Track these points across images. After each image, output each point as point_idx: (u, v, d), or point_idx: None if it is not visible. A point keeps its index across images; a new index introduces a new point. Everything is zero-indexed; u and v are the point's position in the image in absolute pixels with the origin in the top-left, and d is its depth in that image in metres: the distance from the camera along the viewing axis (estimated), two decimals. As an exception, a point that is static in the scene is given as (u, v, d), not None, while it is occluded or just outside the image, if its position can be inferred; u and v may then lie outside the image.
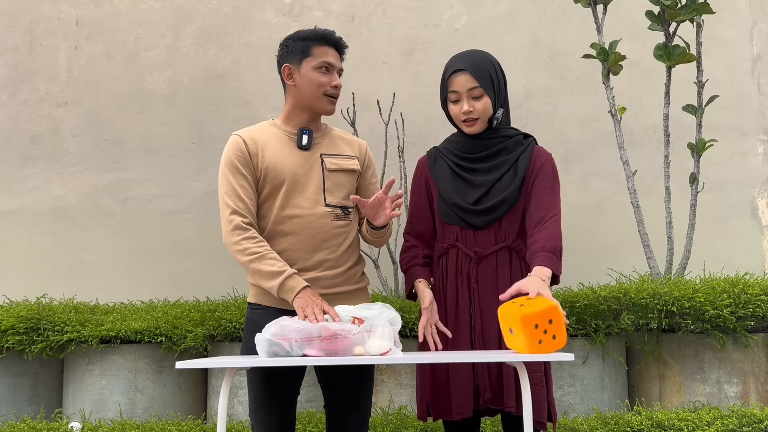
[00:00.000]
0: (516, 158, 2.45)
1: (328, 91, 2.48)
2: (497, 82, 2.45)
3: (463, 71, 2.42)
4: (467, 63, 2.44)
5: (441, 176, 2.48)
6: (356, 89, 4.13)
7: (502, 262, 2.42)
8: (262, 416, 2.42)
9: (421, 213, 2.53)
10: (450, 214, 2.45)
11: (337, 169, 2.49)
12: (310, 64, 2.47)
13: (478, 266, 2.41)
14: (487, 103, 2.42)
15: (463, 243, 2.43)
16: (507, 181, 2.43)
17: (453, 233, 2.45)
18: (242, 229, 2.37)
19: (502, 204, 2.41)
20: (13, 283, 4.32)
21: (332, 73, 2.49)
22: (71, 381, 3.74)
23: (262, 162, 2.43)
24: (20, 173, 4.56)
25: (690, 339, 3.47)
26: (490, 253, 2.41)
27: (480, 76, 2.41)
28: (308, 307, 2.24)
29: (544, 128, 4.59)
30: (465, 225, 2.43)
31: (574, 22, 4.60)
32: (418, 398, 2.53)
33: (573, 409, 3.45)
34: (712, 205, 4.42)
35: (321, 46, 2.48)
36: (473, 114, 2.42)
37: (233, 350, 3.61)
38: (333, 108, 2.52)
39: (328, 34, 2.50)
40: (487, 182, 2.42)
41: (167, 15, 4.68)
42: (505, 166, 2.44)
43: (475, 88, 2.40)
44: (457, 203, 2.43)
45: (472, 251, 2.41)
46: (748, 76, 4.67)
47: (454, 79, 2.43)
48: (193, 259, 4.47)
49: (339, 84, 2.50)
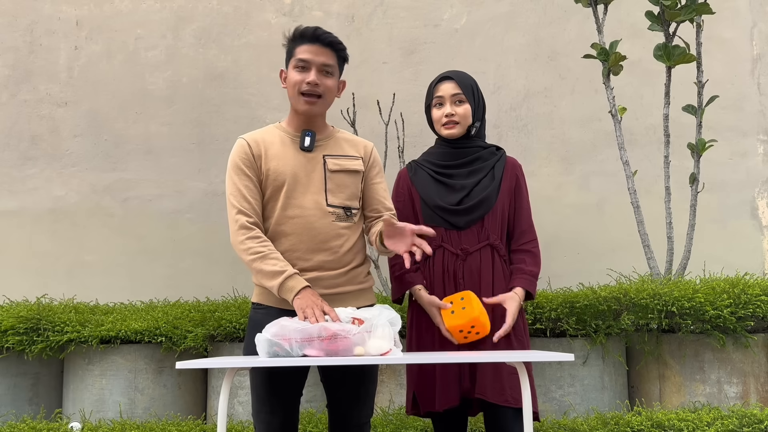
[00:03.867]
0: (492, 165, 2.67)
1: (301, 89, 2.44)
2: (477, 95, 2.70)
3: (449, 79, 2.69)
4: (453, 74, 2.72)
5: (422, 184, 2.68)
6: (356, 89, 4.12)
7: (485, 258, 2.60)
8: (264, 417, 2.42)
9: (406, 220, 2.65)
10: (434, 216, 2.62)
11: (340, 169, 2.49)
12: (291, 65, 2.48)
13: (464, 263, 2.58)
14: (467, 109, 2.66)
15: (448, 243, 2.60)
16: (485, 183, 2.64)
17: (438, 234, 2.57)
18: (246, 229, 2.38)
19: (483, 203, 2.60)
20: (13, 283, 4.32)
21: (308, 71, 2.43)
22: (71, 381, 3.74)
23: (265, 163, 2.45)
24: (20, 173, 4.56)
25: (690, 339, 3.47)
26: (474, 250, 2.59)
27: (463, 85, 2.67)
28: (308, 308, 2.23)
29: (544, 128, 4.60)
30: (449, 226, 2.61)
31: (574, 22, 4.60)
32: (407, 393, 2.66)
33: (573, 409, 3.45)
34: (712, 205, 4.42)
35: (301, 44, 2.46)
36: (454, 117, 2.65)
37: (233, 350, 3.61)
38: (310, 107, 2.46)
39: (305, 31, 2.45)
40: (467, 185, 2.62)
41: (167, 15, 4.68)
42: (482, 171, 2.65)
43: (458, 94, 2.66)
44: (440, 205, 2.62)
45: (458, 249, 2.59)
46: (748, 76, 4.68)
47: (440, 85, 2.69)
48: (193, 259, 4.47)
49: (312, 80, 2.42)
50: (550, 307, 3.50)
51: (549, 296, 3.61)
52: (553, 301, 3.53)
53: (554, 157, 4.58)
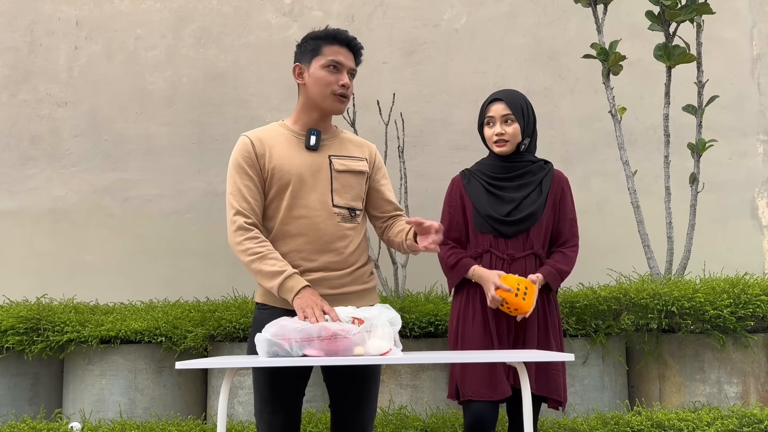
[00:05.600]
0: (540, 180, 2.84)
1: (335, 90, 2.46)
2: (527, 114, 2.85)
3: (499, 101, 2.84)
4: (504, 95, 2.87)
5: (475, 192, 2.85)
6: (356, 89, 4.09)
7: (529, 265, 2.78)
8: (266, 416, 2.42)
9: (457, 223, 2.87)
10: (484, 224, 2.80)
11: (346, 170, 2.49)
12: (319, 63, 2.46)
13: (510, 267, 2.75)
14: (516, 128, 2.81)
15: (496, 249, 2.79)
16: (533, 198, 2.80)
17: (486, 241, 2.80)
18: (245, 230, 2.37)
19: (531, 217, 2.77)
20: (13, 283, 4.32)
21: (341, 72, 2.46)
22: (71, 381, 3.74)
23: (269, 162, 2.43)
24: (20, 173, 4.56)
25: (690, 339, 3.47)
26: (519, 257, 2.78)
27: (513, 106, 2.82)
28: (308, 308, 2.23)
29: (544, 128, 4.56)
30: (497, 234, 2.79)
31: (574, 22, 4.60)
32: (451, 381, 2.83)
33: (573, 409, 3.45)
34: (712, 205, 4.42)
35: (331, 45, 2.47)
36: (504, 136, 2.80)
37: (233, 350, 3.61)
38: (342, 107, 2.50)
39: (339, 33, 2.48)
40: (516, 198, 2.79)
41: (167, 15, 4.68)
42: (531, 186, 2.82)
43: (508, 115, 2.81)
44: (491, 215, 2.79)
45: (505, 254, 2.77)
46: (748, 76, 4.68)
47: (492, 106, 2.85)
48: (193, 259, 4.47)
49: (347, 83, 2.47)
50: (550, 307, 3.50)
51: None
52: (553, 301, 3.53)
53: (554, 157, 4.52)
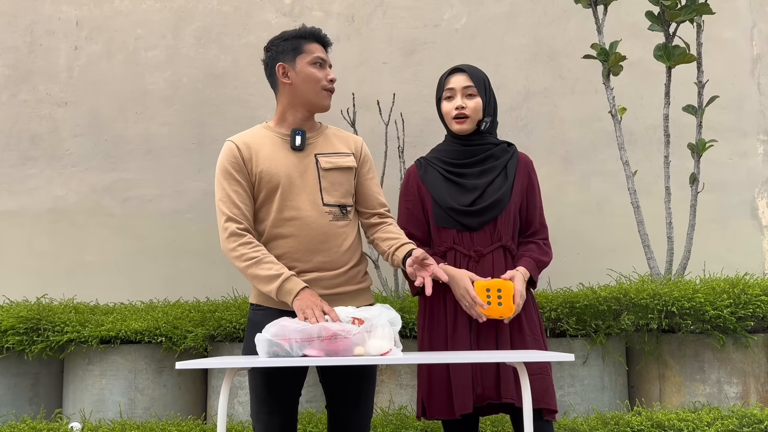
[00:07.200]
0: (504, 164, 2.60)
1: (325, 86, 2.50)
2: (489, 90, 2.63)
3: (461, 71, 2.62)
4: (465, 67, 2.65)
5: (433, 183, 2.60)
6: (356, 89, 4.13)
7: (497, 260, 2.54)
8: (263, 417, 2.42)
9: (416, 219, 2.62)
10: (446, 218, 2.55)
11: (333, 167, 2.48)
12: (305, 60, 2.48)
13: (477, 265, 2.51)
14: (478, 103, 2.58)
15: (460, 245, 2.54)
16: (499, 183, 2.56)
17: (449, 236, 2.55)
18: (238, 236, 2.37)
19: (497, 204, 2.53)
20: (13, 283, 4.32)
21: (326, 68, 2.52)
22: (71, 381, 3.74)
23: (256, 166, 2.43)
24: (20, 173, 4.56)
25: (690, 339, 3.47)
26: (487, 252, 2.53)
27: (475, 78, 2.60)
28: (308, 308, 2.23)
29: (544, 128, 4.60)
30: (461, 227, 2.54)
31: (574, 22, 4.60)
32: (417, 397, 2.60)
33: (573, 409, 3.45)
34: (712, 205, 4.42)
35: (311, 42, 2.51)
36: (465, 111, 2.57)
37: (233, 350, 3.61)
38: (329, 103, 2.53)
39: (315, 31, 2.54)
40: (479, 185, 2.55)
41: (167, 15, 4.68)
42: (495, 171, 2.58)
43: (469, 87, 2.58)
44: (452, 207, 2.54)
45: (472, 251, 2.52)
46: (748, 76, 4.67)
47: (451, 77, 2.62)
48: (193, 259, 4.47)
49: (334, 78, 2.53)
50: (550, 307, 3.50)
51: (549, 296, 3.61)
52: (553, 301, 3.53)
53: (554, 157, 4.57)
